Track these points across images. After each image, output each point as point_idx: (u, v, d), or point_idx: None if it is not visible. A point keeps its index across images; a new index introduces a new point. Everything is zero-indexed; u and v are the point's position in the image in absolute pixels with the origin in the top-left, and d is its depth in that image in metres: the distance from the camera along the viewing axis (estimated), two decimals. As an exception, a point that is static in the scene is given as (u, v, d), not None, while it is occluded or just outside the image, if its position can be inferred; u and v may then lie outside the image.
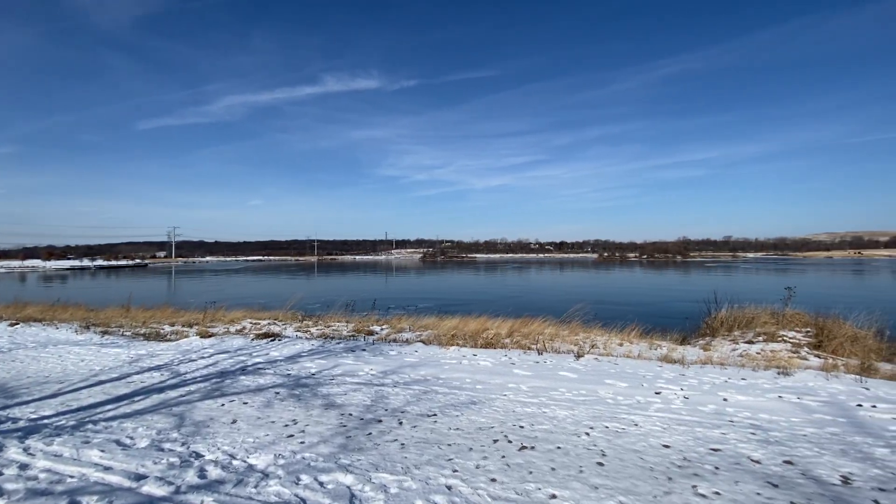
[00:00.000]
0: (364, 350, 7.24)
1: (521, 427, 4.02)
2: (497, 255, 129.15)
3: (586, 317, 9.43)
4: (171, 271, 67.21)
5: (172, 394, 5.13)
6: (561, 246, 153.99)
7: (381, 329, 9.13)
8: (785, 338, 7.45)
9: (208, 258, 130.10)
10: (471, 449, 3.53)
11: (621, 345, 7.77)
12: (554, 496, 2.80)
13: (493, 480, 3.00)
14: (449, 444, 3.61)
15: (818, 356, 6.74)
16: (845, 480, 3.05)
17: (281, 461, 3.29)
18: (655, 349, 7.41)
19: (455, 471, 3.14)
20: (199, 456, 3.41)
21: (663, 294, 27.45)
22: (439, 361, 6.52)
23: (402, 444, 3.61)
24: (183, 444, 3.64)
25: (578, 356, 6.75)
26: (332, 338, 8.30)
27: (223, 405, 4.69)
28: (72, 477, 3.06)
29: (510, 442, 3.67)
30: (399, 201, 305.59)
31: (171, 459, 3.33)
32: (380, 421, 4.16)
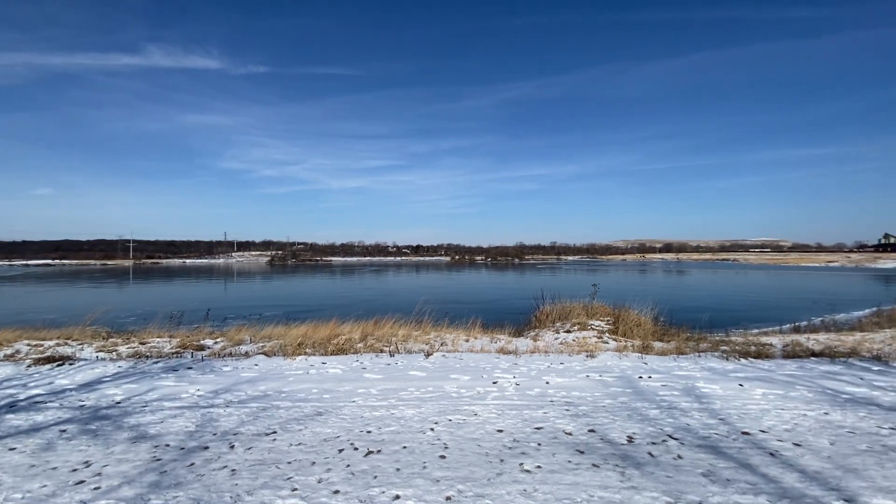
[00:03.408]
0: (190, 368, 6.28)
1: (369, 432, 3.97)
2: (354, 258, 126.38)
3: (437, 316, 9.88)
4: None
5: None
6: (417, 249, 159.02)
7: (215, 343, 8.06)
8: (592, 326, 8.97)
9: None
10: (314, 463, 3.33)
11: (467, 340, 8.34)
12: (398, 497, 2.82)
13: (336, 492, 2.88)
14: (289, 462, 3.35)
15: (615, 339, 8.29)
16: (630, 440, 3.78)
17: (61, 518, 2.61)
18: (495, 342, 8.16)
19: (294, 489, 2.92)
20: (-79, 534, 2.48)
21: (504, 292, 30.55)
22: (283, 374, 6.05)
23: (233, 471, 3.21)
24: None
25: (428, 355, 7.01)
26: (149, 357, 7.00)
27: (-28, 458, 3.52)
28: None
29: (356, 449, 3.59)
30: (242, 198, 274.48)
31: None
32: (206, 448, 3.63)
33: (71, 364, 6.57)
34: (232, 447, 3.65)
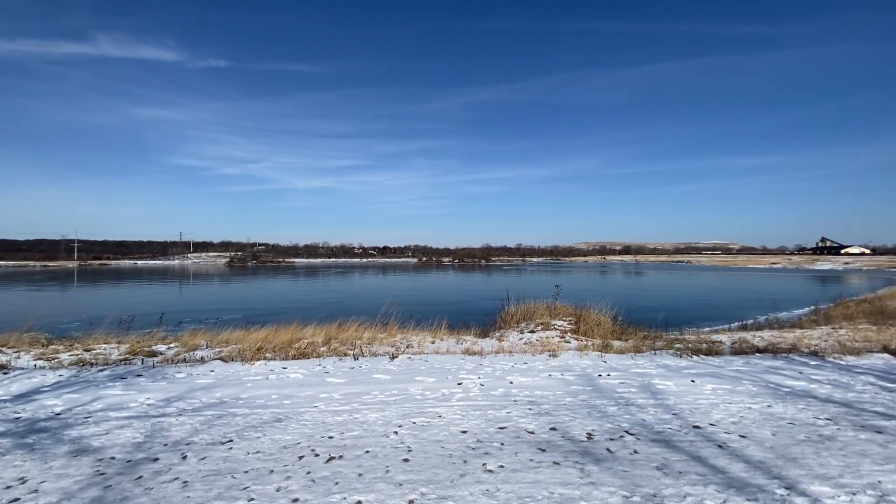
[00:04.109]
0: (140, 376, 5.94)
1: (331, 437, 3.88)
2: (319, 260, 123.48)
3: (404, 318, 9.81)
4: None
5: None
6: (384, 251, 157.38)
7: (169, 348, 7.67)
8: (555, 326, 9.17)
9: None
10: (272, 471, 3.23)
11: (433, 342, 8.33)
12: (359, 502, 2.77)
13: (296, 500, 2.80)
14: (246, 471, 3.23)
15: (576, 339, 8.51)
16: (589, 436, 3.89)
17: (-12, 542, 2.40)
18: (461, 343, 8.20)
19: (251, 500, 2.82)
20: None
21: (471, 293, 30.77)
22: (241, 379, 5.83)
23: (185, 482, 3.06)
24: None
25: (393, 357, 6.95)
26: (94, 364, 6.57)
27: None
28: None
29: (317, 455, 3.50)
30: (199, 197, 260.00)
31: None
32: (155, 459, 3.44)
33: (5, 373, 6.07)
34: (184, 458, 3.48)
